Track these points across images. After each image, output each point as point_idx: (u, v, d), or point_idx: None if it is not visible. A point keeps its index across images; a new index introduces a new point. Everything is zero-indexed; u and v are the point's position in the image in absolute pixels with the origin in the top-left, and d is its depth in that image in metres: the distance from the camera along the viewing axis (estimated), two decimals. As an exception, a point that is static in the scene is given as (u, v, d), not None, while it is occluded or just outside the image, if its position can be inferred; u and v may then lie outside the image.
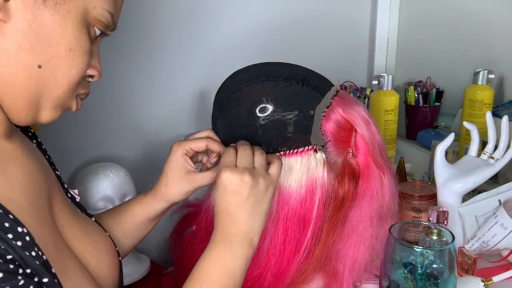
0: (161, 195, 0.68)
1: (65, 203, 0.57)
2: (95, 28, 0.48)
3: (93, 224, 0.62)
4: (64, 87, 0.48)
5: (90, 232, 0.59)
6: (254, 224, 0.55)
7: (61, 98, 0.49)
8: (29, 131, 0.60)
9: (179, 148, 0.65)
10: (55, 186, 0.56)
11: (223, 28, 1.21)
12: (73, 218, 0.57)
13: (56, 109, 0.49)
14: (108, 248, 0.60)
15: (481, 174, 0.78)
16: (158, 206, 0.68)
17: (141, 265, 1.00)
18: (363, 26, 1.35)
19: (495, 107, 1.03)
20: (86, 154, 1.13)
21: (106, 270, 0.58)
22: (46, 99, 0.48)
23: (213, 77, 0.86)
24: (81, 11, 0.46)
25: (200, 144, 0.65)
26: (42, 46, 0.44)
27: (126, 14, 1.11)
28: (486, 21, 1.12)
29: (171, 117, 1.21)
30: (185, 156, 0.66)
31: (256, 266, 0.64)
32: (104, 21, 0.48)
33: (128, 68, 1.14)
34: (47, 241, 0.47)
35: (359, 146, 0.67)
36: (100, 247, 0.59)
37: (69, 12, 0.45)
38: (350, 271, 0.65)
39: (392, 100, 1.11)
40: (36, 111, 0.48)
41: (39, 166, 0.53)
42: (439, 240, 0.62)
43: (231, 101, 0.66)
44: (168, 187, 0.67)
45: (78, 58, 0.47)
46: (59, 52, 0.45)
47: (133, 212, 0.69)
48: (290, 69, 0.65)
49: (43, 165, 0.56)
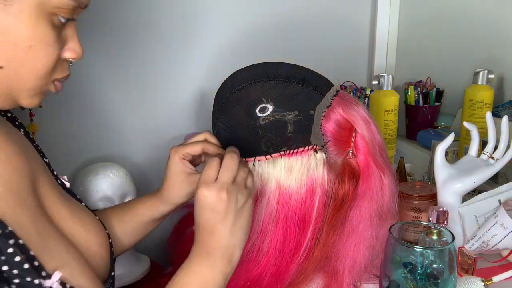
0: (166, 198, 0.69)
1: (52, 186, 0.58)
2: (58, 16, 0.47)
3: (81, 207, 0.63)
4: (33, 81, 0.48)
5: (78, 214, 0.60)
6: (235, 239, 0.55)
7: (34, 89, 0.49)
8: (16, 120, 0.61)
9: (175, 153, 0.67)
10: (41, 170, 0.57)
11: (223, 28, 1.21)
12: (60, 200, 0.58)
13: (33, 97, 0.50)
14: (97, 230, 0.62)
15: (481, 174, 0.78)
16: (164, 208, 0.70)
17: (141, 265, 1.00)
18: (363, 26, 1.35)
19: (495, 107, 1.03)
20: (86, 154, 1.14)
21: (96, 250, 0.60)
22: (18, 91, 0.48)
23: (213, 77, 0.86)
24: (35, 6, 0.45)
25: (195, 148, 0.66)
26: (0, 48, 0.45)
27: (126, 14, 1.11)
28: (486, 21, 1.12)
29: (171, 117, 1.21)
30: (183, 160, 0.67)
31: (255, 266, 0.64)
32: (65, 7, 0.47)
33: (128, 69, 1.14)
34: (24, 224, 0.48)
35: (359, 146, 0.67)
36: (88, 228, 0.60)
37: (21, 10, 0.44)
38: (350, 271, 0.65)
39: (392, 100, 1.11)
40: (13, 101, 0.49)
41: (21, 151, 0.54)
42: (439, 240, 0.62)
43: (231, 101, 0.66)
44: (171, 191, 0.68)
45: (40, 52, 0.47)
46: (17, 51, 0.45)
47: (138, 212, 0.71)
48: (290, 69, 0.65)
49: (27, 150, 0.57)
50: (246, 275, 0.64)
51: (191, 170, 0.67)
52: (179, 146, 0.67)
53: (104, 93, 1.13)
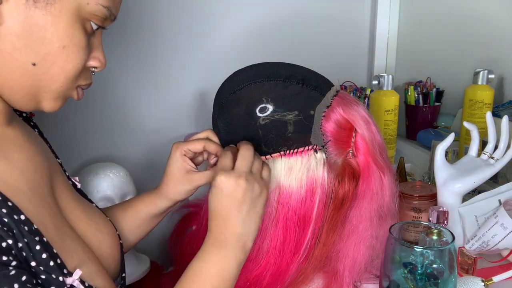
0: (164, 194, 0.70)
1: (67, 187, 0.60)
2: (91, 22, 0.49)
3: (94, 208, 0.64)
4: (61, 82, 0.49)
5: (92, 215, 0.61)
6: (248, 228, 0.56)
7: (59, 91, 0.50)
8: (31, 120, 0.63)
9: (177, 149, 0.67)
10: (57, 170, 0.59)
11: (223, 28, 1.21)
12: (75, 200, 0.59)
13: (56, 100, 0.51)
14: (110, 231, 0.63)
15: (481, 174, 0.78)
16: (162, 204, 0.70)
17: (141, 265, 1.01)
18: (363, 26, 1.36)
19: (495, 107, 1.03)
20: (86, 154, 1.14)
21: (108, 251, 0.61)
22: (44, 91, 0.49)
23: (213, 77, 0.86)
24: (73, 8, 0.47)
25: (197, 146, 0.66)
26: (35, 45, 0.46)
27: (127, 15, 1.11)
28: (486, 21, 1.12)
29: (171, 117, 1.21)
30: (184, 156, 0.67)
31: (255, 266, 0.64)
32: (100, 15, 0.49)
33: (128, 69, 1.14)
34: (46, 223, 0.49)
35: (359, 146, 0.67)
36: (101, 229, 0.61)
37: (60, 11, 0.46)
38: (350, 271, 0.65)
39: (392, 100, 1.11)
40: (36, 102, 0.50)
41: (41, 151, 0.56)
42: (439, 240, 0.62)
43: (231, 101, 0.66)
44: (170, 187, 0.69)
45: (72, 54, 0.48)
46: (52, 50, 0.47)
47: (138, 209, 0.72)
48: (290, 69, 0.65)
49: (45, 151, 0.58)
50: (246, 275, 0.64)
51: (191, 167, 0.68)
52: (181, 142, 0.68)
53: (104, 94, 1.13)
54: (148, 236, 0.76)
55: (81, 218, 0.59)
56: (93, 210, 0.63)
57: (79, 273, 0.49)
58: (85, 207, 0.61)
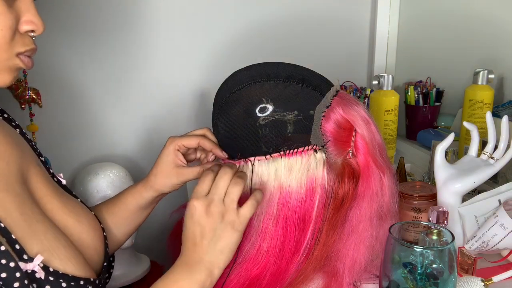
0: (150, 184, 0.71)
1: (45, 179, 0.61)
2: None
3: (75, 201, 0.66)
4: None
5: (71, 206, 0.63)
6: (215, 257, 0.57)
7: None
8: (13, 121, 0.63)
9: (172, 143, 0.69)
10: (33, 163, 0.60)
11: (223, 28, 1.21)
12: (53, 192, 0.61)
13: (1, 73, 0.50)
14: (91, 223, 0.64)
15: (481, 174, 0.78)
16: (148, 194, 0.72)
17: (141, 265, 1.01)
18: (363, 26, 1.36)
19: (495, 107, 1.03)
20: (86, 154, 1.14)
21: (89, 242, 0.62)
22: None
23: (213, 77, 0.86)
24: None
25: (192, 142, 0.68)
26: None
27: (126, 14, 1.11)
28: (486, 21, 1.12)
29: (171, 117, 1.21)
30: (177, 151, 0.69)
31: (255, 265, 0.64)
32: None
33: (128, 69, 1.14)
34: (9, 208, 0.51)
35: (359, 146, 0.67)
36: (82, 220, 0.63)
37: None
38: (350, 271, 0.65)
39: (392, 100, 1.11)
40: None
41: (11, 142, 0.57)
42: (439, 240, 0.62)
43: (231, 101, 0.66)
44: (157, 178, 0.70)
45: None
46: None
47: (126, 200, 0.73)
48: (290, 69, 0.65)
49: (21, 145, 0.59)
50: (246, 275, 0.64)
51: (181, 163, 0.69)
52: (176, 137, 0.69)
53: (104, 94, 1.13)
54: (148, 236, 0.76)
55: (60, 208, 0.60)
56: (73, 203, 0.64)
57: (41, 259, 0.50)
58: (65, 199, 0.62)
